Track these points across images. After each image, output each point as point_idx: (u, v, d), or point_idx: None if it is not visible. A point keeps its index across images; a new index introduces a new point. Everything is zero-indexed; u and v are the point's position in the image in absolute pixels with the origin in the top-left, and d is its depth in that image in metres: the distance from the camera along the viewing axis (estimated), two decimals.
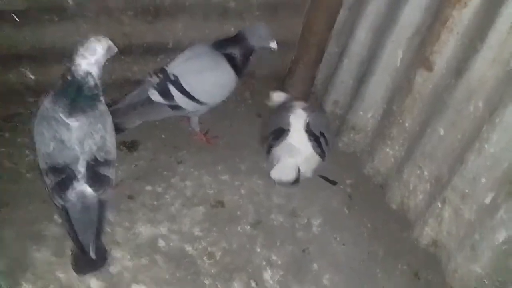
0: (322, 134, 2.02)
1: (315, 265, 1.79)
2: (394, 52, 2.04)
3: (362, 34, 2.20)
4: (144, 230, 1.78)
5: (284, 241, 1.86)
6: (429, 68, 1.85)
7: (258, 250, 1.81)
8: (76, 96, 1.48)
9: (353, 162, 2.34)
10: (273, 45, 2.06)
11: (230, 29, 2.37)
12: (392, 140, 2.09)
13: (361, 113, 2.26)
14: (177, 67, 2.08)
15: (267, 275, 1.71)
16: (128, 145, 2.20)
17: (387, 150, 2.13)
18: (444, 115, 1.77)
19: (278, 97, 2.26)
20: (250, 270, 1.72)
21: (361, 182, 2.23)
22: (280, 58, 2.62)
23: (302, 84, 2.53)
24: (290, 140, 2.00)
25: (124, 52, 2.33)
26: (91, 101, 1.52)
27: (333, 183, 2.22)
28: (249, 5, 2.39)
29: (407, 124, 2.01)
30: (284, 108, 2.15)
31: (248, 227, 1.90)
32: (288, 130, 2.03)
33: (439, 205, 1.78)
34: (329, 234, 1.94)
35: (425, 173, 1.90)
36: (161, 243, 1.75)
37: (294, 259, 1.80)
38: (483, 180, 1.61)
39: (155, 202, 1.92)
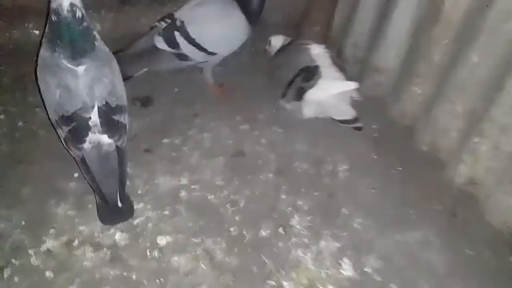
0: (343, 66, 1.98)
1: (344, 210, 1.70)
2: None
3: None
4: (164, 181, 1.72)
5: (309, 187, 1.78)
6: None
7: (283, 196, 1.73)
8: (71, 36, 1.35)
9: (378, 106, 2.20)
10: None
11: None
12: (420, 78, 1.95)
13: (384, 52, 2.11)
14: (185, 13, 1.97)
15: (294, 220, 1.63)
16: (142, 100, 2.12)
17: (414, 88, 1.99)
18: (478, 40, 1.61)
19: (277, 41, 2.15)
20: (276, 216, 1.64)
21: (387, 126, 2.10)
22: (293, 2, 2.47)
23: (318, 27, 2.38)
24: (325, 76, 1.90)
25: (128, 0, 2.25)
26: (88, 38, 1.39)
27: (358, 128, 2.10)
28: None
29: (436, 58, 1.86)
30: (295, 49, 2.04)
31: (271, 175, 1.81)
32: (318, 66, 1.92)
33: (476, 140, 1.66)
34: (357, 179, 1.84)
35: (458, 108, 1.77)
36: (182, 193, 1.69)
37: (322, 205, 1.71)
38: None
39: (174, 154, 1.85)
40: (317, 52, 2.01)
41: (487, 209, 1.66)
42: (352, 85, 1.90)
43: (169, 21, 1.96)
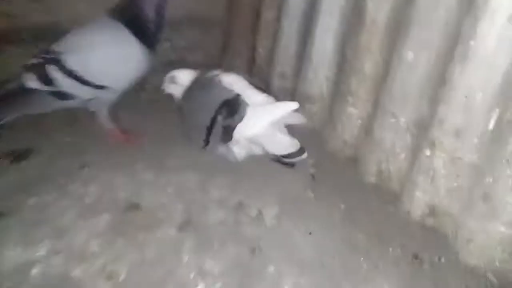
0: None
1: (271, 268, 1.23)
2: None
3: None
4: (12, 255, 1.21)
5: (224, 241, 1.31)
6: None
7: (186, 258, 1.25)
8: None
9: (313, 140, 1.84)
10: None
11: None
12: (354, 95, 1.62)
13: (313, 76, 1.80)
14: (63, 43, 1.60)
15: None
16: (16, 154, 1.65)
17: (350, 110, 1.66)
18: (410, 34, 1.32)
19: (184, 77, 1.74)
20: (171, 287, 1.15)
21: (326, 160, 1.73)
22: (212, 38, 2.20)
23: (240, 59, 2.07)
24: (252, 103, 1.56)
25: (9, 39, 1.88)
26: None
27: (291, 165, 1.70)
28: None
29: (366, 68, 1.55)
30: (205, 85, 1.67)
31: (173, 231, 1.35)
32: (239, 95, 1.57)
33: (428, 153, 1.28)
34: (288, 224, 1.40)
35: (402, 119, 1.42)
36: (36, 269, 1.17)
37: (240, 264, 1.24)
38: (479, 96, 1.13)
39: (39, 216, 1.36)
40: (230, 80, 1.66)
41: (460, 245, 1.24)
42: (291, 105, 1.54)
43: (43, 56, 1.58)
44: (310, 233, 1.36)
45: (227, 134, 1.59)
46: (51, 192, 1.46)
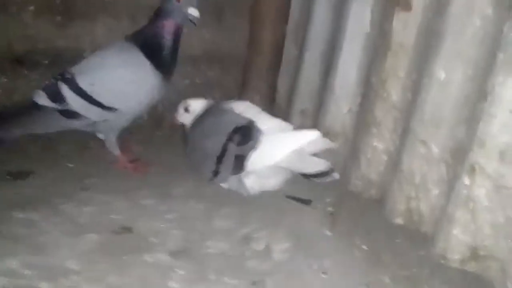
0: None
1: None
2: (361, 13, 1.54)
3: (321, 11, 1.75)
4: None
5: (223, 273, 1.12)
6: (407, 5, 1.34)
7: (174, 285, 1.05)
8: None
9: (331, 183, 1.67)
10: (193, 12, 1.55)
11: None
12: (379, 126, 1.47)
13: (335, 109, 1.67)
14: (77, 65, 1.58)
15: None
16: (15, 173, 1.57)
17: (375, 144, 1.50)
18: (441, 51, 1.20)
19: (197, 105, 1.66)
20: None
21: (347, 199, 1.54)
22: (231, 77, 2.15)
23: (259, 97, 1.99)
24: (268, 131, 1.47)
25: (27, 63, 1.88)
26: None
27: (307, 202, 1.54)
28: None
29: (394, 96, 1.42)
30: (216, 112, 1.59)
31: (165, 255, 1.17)
32: (252, 121, 1.48)
33: (466, 182, 1.09)
34: (299, 261, 1.20)
35: (434, 148, 1.25)
36: (3, 280, 1.01)
37: None
38: None
39: (21, 231, 1.22)
40: (243, 108, 1.57)
41: None
42: (313, 134, 1.46)
43: (59, 76, 1.56)
44: (324, 273, 1.15)
45: (239, 163, 1.46)
46: (42, 210, 1.34)
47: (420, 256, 1.22)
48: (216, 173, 1.51)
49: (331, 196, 1.55)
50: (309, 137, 1.45)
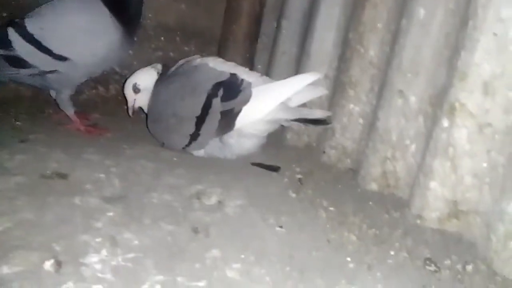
0: None
1: (214, 252, 0.85)
2: None
3: None
4: None
5: (160, 219, 0.95)
6: None
7: (99, 225, 0.89)
8: None
9: (306, 154, 1.53)
10: None
11: None
12: (356, 87, 1.35)
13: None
14: (31, 13, 1.45)
15: (94, 258, 0.76)
16: None
17: (352, 107, 1.37)
18: None
19: (146, 78, 1.46)
20: (58, 248, 0.78)
21: (318, 170, 1.39)
22: (207, 51, 2.03)
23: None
24: (255, 83, 1.35)
25: None
26: None
27: (275, 169, 1.38)
28: None
29: (371, 51, 1.30)
30: (186, 72, 1.43)
31: (97, 200, 1.00)
32: (235, 74, 1.37)
33: (446, 124, 0.95)
34: (253, 215, 1.04)
35: (412, 99, 1.12)
36: None
37: (173, 243, 0.87)
38: None
39: None
40: (217, 63, 1.44)
41: (494, 251, 0.84)
42: (311, 76, 1.34)
43: (8, 21, 1.44)
44: (281, 227, 0.99)
45: (229, 120, 1.32)
46: None
47: (393, 218, 1.07)
48: (194, 137, 1.36)
49: (302, 166, 1.40)
50: (308, 80, 1.32)
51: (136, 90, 1.47)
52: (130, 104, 1.49)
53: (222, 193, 1.13)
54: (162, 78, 1.46)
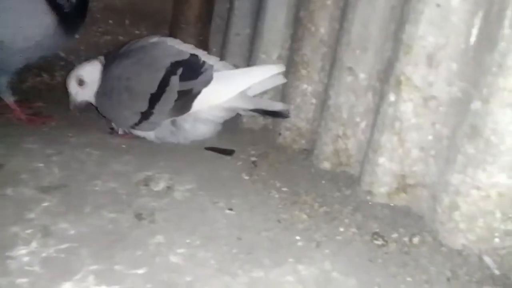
0: None
1: (158, 238, 0.81)
2: None
3: None
4: None
5: (102, 207, 0.90)
6: None
7: (31, 216, 0.82)
8: None
9: (262, 137, 1.50)
10: None
11: None
12: (308, 67, 1.32)
13: (264, 57, 1.50)
14: None
15: (22, 250, 0.70)
16: None
17: (305, 86, 1.34)
18: None
19: (92, 70, 1.36)
20: None
21: (273, 152, 1.36)
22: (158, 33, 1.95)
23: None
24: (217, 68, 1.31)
25: None
26: None
27: (229, 152, 1.34)
28: None
29: (322, 29, 1.28)
30: (145, 48, 1.35)
31: (32, 191, 0.93)
32: (196, 55, 1.31)
33: (392, 98, 0.94)
34: (203, 199, 1.00)
35: (361, 75, 1.10)
36: None
37: (114, 231, 0.82)
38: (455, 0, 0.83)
39: None
40: (176, 43, 1.38)
41: (440, 222, 0.84)
42: (276, 68, 1.34)
43: None
44: (231, 209, 0.96)
45: (186, 101, 1.25)
46: None
47: (344, 195, 1.06)
48: (146, 116, 1.28)
49: (258, 149, 1.37)
50: (272, 72, 1.31)
51: (80, 82, 1.37)
52: (73, 97, 1.40)
53: (172, 178, 1.09)
54: (111, 59, 1.38)
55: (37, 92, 1.74)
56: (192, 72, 1.27)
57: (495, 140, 0.74)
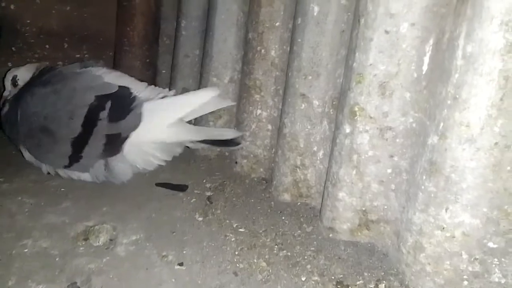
0: None
1: None
2: None
3: None
4: None
5: (29, 275, 0.79)
6: None
7: None
8: None
9: (218, 165, 1.41)
10: None
11: None
12: (261, 91, 1.25)
13: (215, 80, 1.42)
14: None
15: None
16: None
17: (259, 112, 1.27)
18: None
19: (25, 75, 1.29)
20: None
21: (232, 182, 1.28)
22: (101, 57, 1.83)
23: (135, 75, 1.68)
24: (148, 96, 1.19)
25: None
26: None
27: (182, 188, 1.25)
28: None
29: (272, 52, 1.21)
30: (66, 74, 1.23)
31: None
32: (126, 87, 1.18)
33: (347, 129, 0.88)
34: (150, 253, 0.90)
35: (315, 102, 1.04)
36: None
37: None
38: (404, 26, 0.78)
39: None
40: (103, 72, 1.25)
41: (406, 263, 0.78)
42: (211, 91, 1.23)
43: None
44: (181, 264, 0.86)
45: (116, 145, 1.13)
46: None
47: (306, 233, 0.99)
48: (76, 158, 1.16)
49: (214, 181, 1.28)
50: (206, 97, 1.20)
51: (15, 83, 1.28)
52: (4, 97, 1.29)
53: (115, 228, 0.99)
54: (33, 82, 1.25)
55: None
56: (121, 109, 1.13)
57: (455, 177, 0.69)
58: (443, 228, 0.72)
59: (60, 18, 1.74)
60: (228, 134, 1.26)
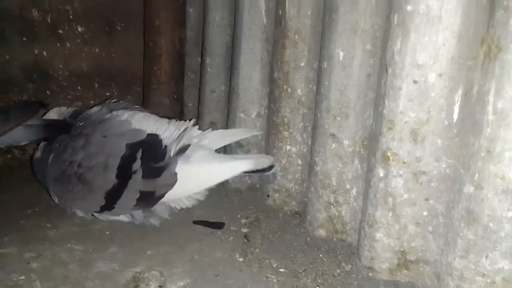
0: None
1: None
2: (256, 3, 1.36)
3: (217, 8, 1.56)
4: None
5: None
6: None
7: None
8: None
9: (250, 198, 1.45)
10: None
11: None
12: (289, 128, 1.29)
13: (243, 115, 1.47)
14: None
15: None
16: None
17: (288, 148, 1.31)
18: (336, 27, 1.03)
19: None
20: None
21: (265, 217, 1.32)
22: (130, 94, 1.90)
23: (164, 108, 1.74)
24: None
25: None
26: None
27: (219, 226, 1.29)
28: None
29: (298, 90, 1.25)
30: (95, 120, 1.26)
31: None
32: (156, 135, 1.18)
33: (381, 173, 0.91)
34: None
35: (345, 142, 1.07)
36: None
37: None
38: (432, 76, 0.81)
39: None
40: (130, 114, 1.27)
41: None
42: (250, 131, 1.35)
43: None
44: None
45: (150, 201, 1.17)
46: None
47: (345, 272, 1.02)
48: (108, 207, 1.20)
49: (247, 216, 1.33)
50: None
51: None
52: None
53: (163, 274, 1.04)
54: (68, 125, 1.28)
55: (9, 170, 1.66)
56: (153, 162, 1.13)
57: (493, 226, 0.71)
58: (484, 275, 0.74)
59: (89, 60, 1.82)
60: (266, 161, 1.22)
